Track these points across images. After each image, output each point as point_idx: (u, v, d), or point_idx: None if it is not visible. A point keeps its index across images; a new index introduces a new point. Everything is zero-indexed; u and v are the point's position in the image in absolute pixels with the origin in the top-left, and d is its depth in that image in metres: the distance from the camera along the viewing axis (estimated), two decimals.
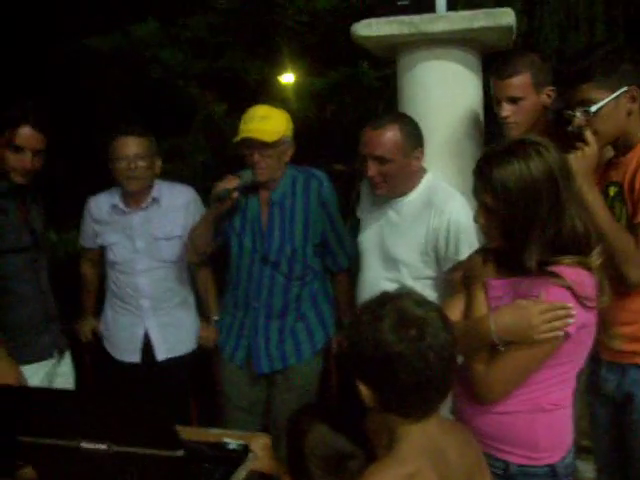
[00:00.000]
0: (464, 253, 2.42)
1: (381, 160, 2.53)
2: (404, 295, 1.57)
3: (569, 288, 1.71)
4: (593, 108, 2.11)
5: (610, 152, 2.28)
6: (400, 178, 2.57)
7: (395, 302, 1.53)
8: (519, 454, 1.83)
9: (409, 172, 2.59)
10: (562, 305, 1.71)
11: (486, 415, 1.83)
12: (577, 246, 1.76)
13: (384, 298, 1.56)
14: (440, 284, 2.59)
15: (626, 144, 2.18)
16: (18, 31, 6.51)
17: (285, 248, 2.82)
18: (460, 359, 1.73)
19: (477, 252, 2.00)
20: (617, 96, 2.10)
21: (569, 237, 1.75)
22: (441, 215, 2.53)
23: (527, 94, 2.50)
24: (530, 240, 1.73)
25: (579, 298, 1.72)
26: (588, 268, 1.76)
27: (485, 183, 1.78)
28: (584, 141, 2.13)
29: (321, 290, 2.95)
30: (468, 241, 2.46)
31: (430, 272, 2.59)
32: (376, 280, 2.64)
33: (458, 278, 2.13)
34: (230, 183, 2.74)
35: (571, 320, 1.71)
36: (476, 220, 1.88)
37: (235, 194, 2.76)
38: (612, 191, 2.19)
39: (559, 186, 1.73)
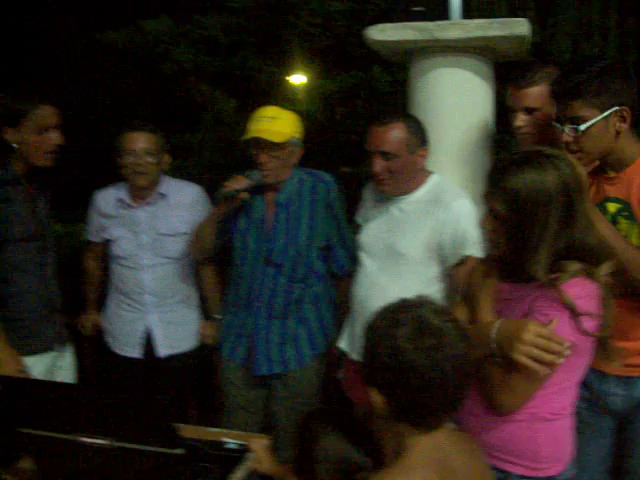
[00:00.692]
0: (468, 250, 2.49)
1: (387, 156, 2.55)
2: (423, 303, 1.57)
3: (569, 305, 1.69)
4: (582, 127, 2.09)
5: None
6: (405, 175, 2.59)
7: (414, 310, 1.53)
8: (520, 464, 1.82)
9: (414, 169, 2.60)
10: (560, 339, 1.67)
11: (489, 424, 1.83)
12: (587, 260, 1.74)
13: (403, 305, 1.56)
14: (441, 280, 2.61)
15: (619, 161, 2.16)
16: (31, 23, 6.53)
17: (289, 250, 2.82)
18: None
19: (479, 264, 2.00)
20: (607, 116, 2.08)
21: (580, 250, 1.74)
22: (448, 212, 2.55)
23: (543, 105, 2.48)
24: (540, 251, 1.71)
25: (579, 314, 1.70)
26: (593, 279, 1.74)
27: (497, 190, 1.77)
28: (575, 154, 2.10)
29: (324, 294, 2.94)
30: (472, 239, 2.49)
31: (432, 268, 2.60)
32: (375, 276, 2.65)
33: (461, 288, 2.13)
34: (239, 184, 2.74)
35: (561, 360, 1.68)
36: (483, 225, 1.87)
37: (243, 195, 2.76)
38: (613, 207, 2.16)
39: (572, 199, 1.72)
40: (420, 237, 2.57)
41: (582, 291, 1.72)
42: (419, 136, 2.59)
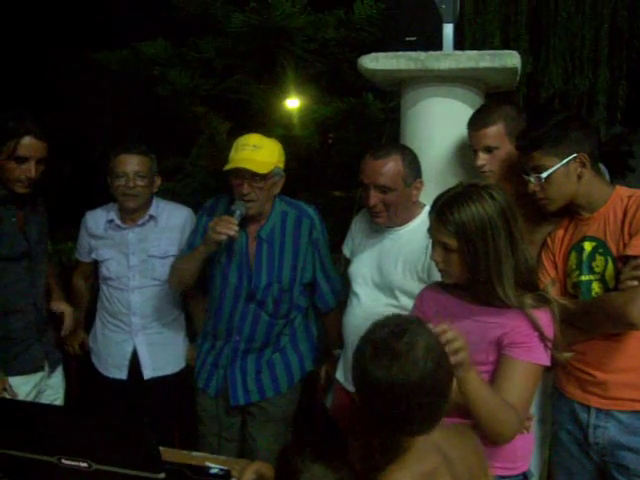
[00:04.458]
0: None
1: (383, 189, 2.51)
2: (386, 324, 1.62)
3: (537, 329, 1.86)
4: (544, 174, 2.23)
5: None
6: (401, 207, 2.57)
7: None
8: (501, 467, 1.92)
9: (409, 202, 2.58)
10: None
11: None
12: (531, 277, 1.93)
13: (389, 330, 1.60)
14: None
15: (590, 203, 2.27)
16: (26, 42, 6.56)
17: (272, 287, 2.75)
18: None
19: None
20: (566, 163, 2.21)
21: (525, 269, 1.90)
22: None
23: (501, 143, 2.55)
24: (505, 275, 1.85)
25: (547, 339, 1.88)
26: (550, 306, 1.91)
27: (445, 225, 1.90)
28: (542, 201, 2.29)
29: (302, 326, 2.90)
30: None
31: None
32: (372, 308, 2.57)
33: None
34: (231, 228, 2.59)
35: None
36: (432, 258, 1.99)
37: (235, 236, 2.63)
38: (589, 245, 2.25)
39: (510, 221, 1.88)
40: (412, 270, 2.54)
41: (545, 318, 1.89)
42: (414, 168, 2.57)
